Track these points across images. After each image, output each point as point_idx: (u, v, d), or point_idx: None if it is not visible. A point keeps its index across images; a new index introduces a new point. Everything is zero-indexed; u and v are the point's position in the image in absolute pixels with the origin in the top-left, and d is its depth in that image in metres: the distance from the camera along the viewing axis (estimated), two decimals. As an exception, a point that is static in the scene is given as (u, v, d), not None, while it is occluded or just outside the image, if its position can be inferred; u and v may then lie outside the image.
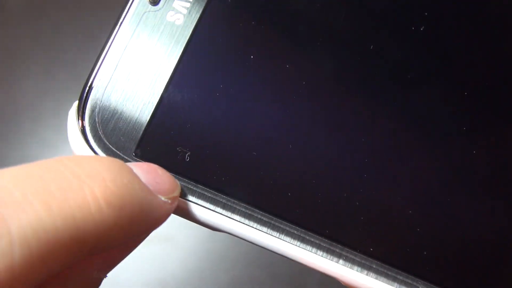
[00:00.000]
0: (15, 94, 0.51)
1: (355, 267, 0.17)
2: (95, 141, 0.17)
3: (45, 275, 0.13)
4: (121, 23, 0.18)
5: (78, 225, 0.13)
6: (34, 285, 0.12)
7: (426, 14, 0.17)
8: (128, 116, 0.18)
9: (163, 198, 0.16)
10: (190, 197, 0.17)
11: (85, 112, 0.17)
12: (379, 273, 0.17)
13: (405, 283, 0.17)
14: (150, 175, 0.16)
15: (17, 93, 0.51)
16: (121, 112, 0.18)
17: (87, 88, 0.18)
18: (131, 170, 0.15)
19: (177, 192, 0.16)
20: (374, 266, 0.17)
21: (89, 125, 0.17)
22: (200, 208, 0.17)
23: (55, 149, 0.50)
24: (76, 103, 0.18)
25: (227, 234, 0.17)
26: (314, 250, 0.17)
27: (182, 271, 0.48)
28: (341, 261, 0.17)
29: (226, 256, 0.48)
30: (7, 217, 0.12)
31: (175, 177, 0.17)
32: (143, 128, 0.17)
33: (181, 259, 0.48)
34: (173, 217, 0.56)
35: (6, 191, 0.12)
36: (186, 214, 0.17)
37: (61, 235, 0.12)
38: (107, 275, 0.16)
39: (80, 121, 0.17)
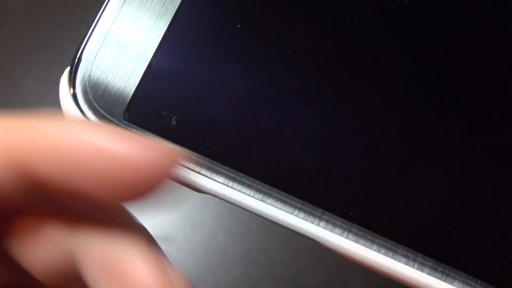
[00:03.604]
0: (15, 94, 0.51)
1: (336, 230, 0.17)
2: (85, 105, 0.18)
3: None
4: None
5: None
6: None
7: None
8: (118, 82, 0.18)
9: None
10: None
11: (76, 78, 0.18)
12: (358, 236, 0.17)
13: (384, 247, 0.17)
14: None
15: (17, 93, 0.51)
16: (111, 77, 0.18)
17: (78, 54, 0.18)
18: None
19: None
20: (353, 230, 0.18)
21: (80, 90, 0.18)
22: (185, 169, 0.18)
23: (55, 149, 0.50)
24: (67, 69, 0.18)
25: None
26: (295, 213, 0.18)
27: (182, 271, 0.48)
28: (321, 223, 0.18)
29: (226, 256, 0.48)
30: None
31: (163, 140, 0.18)
32: (131, 93, 0.18)
33: (181, 259, 0.48)
34: (173, 218, 0.55)
35: None
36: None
37: None
38: None
39: (71, 86, 0.18)
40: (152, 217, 0.48)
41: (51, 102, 0.50)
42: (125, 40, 0.18)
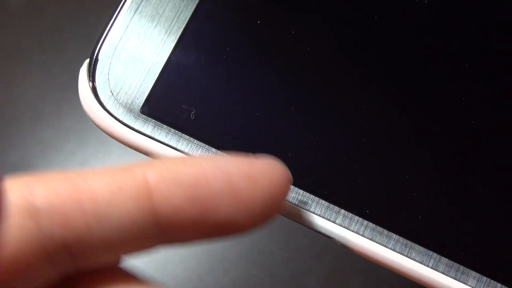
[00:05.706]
0: (15, 94, 0.51)
1: (352, 227, 0.18)
2: (104, 97, 0.18)
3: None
4: None
5: None
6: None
7: None
8: (137, 75, 0.18)
9: None
10: (195, 154, 0.18)
11: (95, 71, 0.18)
12: (374, 233, 0.17)
13: (399, 245, 0.17)
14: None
15: (17, 93, 0.50)
16: (130, 70, 0.18)
17: (98, 47, 0.19)
18: None
19: None
20: (369, 227, 0.18)
21: (99, 82, 0.18)
22: None
23: (55, 149, 0.50)
24: (87, 61, 0.18)
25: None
26: (312, 210, 0.18)
27: (182, 271, 0.48)
28: (338, 220, 0.18)
29: (226, 256, 0.48)
30: None
31: (180, 134, 0.18)
32: (150, 87, 0.18)
33: (181, 259, 0.48)
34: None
35: None
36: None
37: None
38: None
39: (90, 79, 0.18)
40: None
41: (51, 102, 0.50)
42: (145, 33, 0.19)
